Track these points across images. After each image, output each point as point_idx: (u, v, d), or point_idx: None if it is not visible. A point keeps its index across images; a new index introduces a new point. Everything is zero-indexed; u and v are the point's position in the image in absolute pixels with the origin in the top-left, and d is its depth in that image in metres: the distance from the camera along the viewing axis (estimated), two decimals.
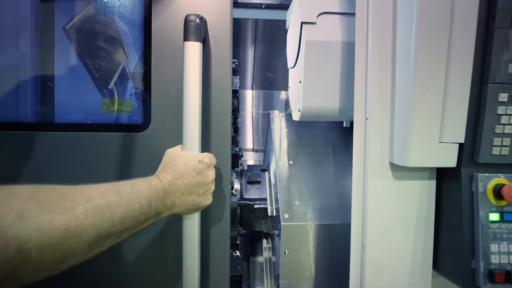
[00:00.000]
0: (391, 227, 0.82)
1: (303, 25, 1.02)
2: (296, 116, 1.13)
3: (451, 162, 0.75)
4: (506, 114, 0.72)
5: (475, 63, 0.72)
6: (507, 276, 0.71)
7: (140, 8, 0.89)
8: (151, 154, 0.85)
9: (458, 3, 0.70)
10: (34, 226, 0.41)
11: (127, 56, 0.95)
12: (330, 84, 1.03)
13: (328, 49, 1.01)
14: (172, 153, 0.74)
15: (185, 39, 0.75)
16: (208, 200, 0.75)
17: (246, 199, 1.29)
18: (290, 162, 1.26)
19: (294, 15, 1.11)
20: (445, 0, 0.70)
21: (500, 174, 0.74)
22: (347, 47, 1.01)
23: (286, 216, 1.09)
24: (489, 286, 0.72)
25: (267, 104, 2.53)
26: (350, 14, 1.03)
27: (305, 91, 1.03)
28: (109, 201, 0.53)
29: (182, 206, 0.70)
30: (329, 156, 1.30)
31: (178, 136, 0.77)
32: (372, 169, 0.82)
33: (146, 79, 0.87)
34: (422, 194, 0.82)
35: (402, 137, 0.77)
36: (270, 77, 2.45)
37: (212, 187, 0.75)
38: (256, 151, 2.45)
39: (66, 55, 0.94)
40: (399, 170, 0.81)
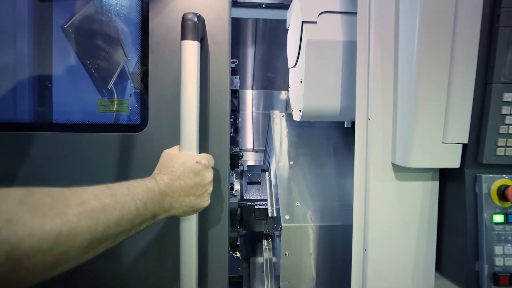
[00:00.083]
0: (393, 229, 0.81)
1: (304, 24, 1.01)
2: (297, 116, 1.12)
3: (455, 163, 0.74)
4: (511, 114, 0.71)
5: (479, 62, 0.71)
6: None
7: (138, 7, 0.88)
8: (148, 155, 0.84)
9: (462, 1, 0.69)
10: (24, 231, 0.40)
11: (127, 56, 0.94)
12: (331, 84, 1.02)
13: (329, 48, 1.00)
14: (169, 153, 0.73)
15: (182, 38, 0.74)
16: (205, 201, 0.74)
17: (246, 200, 1.29)
18: (291, 162, 1.25)
19: (295, 14, 1.10)
20: None
21: (504, 175, 0.73)
22: (349, 46, 1.00)
23: (286, 217, 1.08)
24: None
25: (268, 104, 2.52)
26: (351, 13, 1.02)
27: (306, 91, 1.02)
28: (103, 203, 0.51)
29: (179, 208, 0.69)
30: (330, 157, 1.29)
31: (176, 136, 0.76)
32: (374, 170, 0.81)
33: (144, 78, 0.86)
34: (425, 195, 0.81)
35: (405, 137, 0.75)
36: (271, 77, 2.44)
37: (210, 189, 0.74)
38: (257, 151, 2.44)
39: (64, 55, 0.92)
40: (401, 171, 0.80)
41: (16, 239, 0.39)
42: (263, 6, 1.91)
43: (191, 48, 0.74)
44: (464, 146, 0.74)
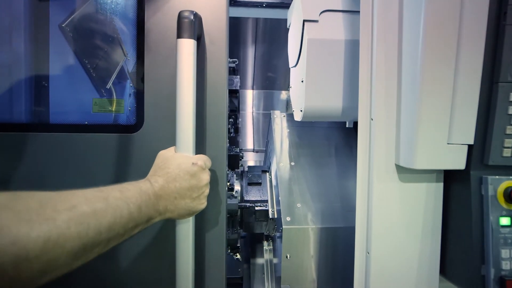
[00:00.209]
0: (397, 231, 0.80)
1: (305, 23, 1.00)
2: (298, 116, 1.11)
3: (460, 164, 0.73)
4: None
5: (485, 61, 0.69)
6: None
7: (133, 5, 0.86)
8: (144, 156, 0.83)
9: None
10: (9, 239, 0.38)
11: (126, 55, 0.92)
12: (333, 83, 1.00)
13: (331, 47, 0.99)
14: (164, 155, 0.71)
15: (178, 36, 0.73)
16: (202, 204, 0.72)
17: (246, 201, 1.27)
18: (292, 163, 1.23)
19: (296, 13, 1.09)
20: None
21: (511, 177, 0.71)
22: (351, 45, 0.98)
23: (287, 219, 1.07)
24: None
25: (268, 104, 2.51)
26: (354, 11, 1.01)
27: (307, 91, 1.01)
28: (94, 208, 0.50)
29: (174, 211, 0.67)
30: (331, 157, 1.28)
31: (173, 137, 0.74)
32: (377, 171, 0.79)
33: (139, 78, 0.84)
34: (429, 197, 0.79)
35: (409, 138, 0.74)
36: (271, 76, 2.43)
37: (206, 191, 0.72)
38: (257, 152, 2.43)
39: (61, 54, 0.91)
40: (405, 173, 0.79)
41: (0, 248, 0.37)
42: (264, 6, 1.90)
43: (187, 46, 0.72)
44: (469, 147, 0.72)
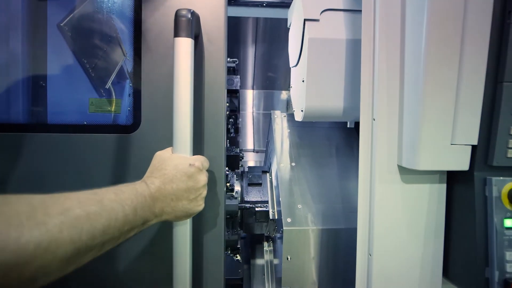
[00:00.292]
0: (399, 233, 0.79)
1: (306, 22, 0.99)
2: (299, 117, 1.10)
3: (464, 165, 0.72)
4: None
5: (489, 60, 0.68)
6: None
7: (130, 3, 0.85)
8: (141, 157, 0.82)
9: None
10: None
11: (125, 55, 0.91)
12: (334, 83, 1.00)
13: (332, 47, 0.98)
14: (161, 156, 0.70)
15: (175, 35, 0.71)
16: (199, 206, 0.71)
17: (247, 202, 1.26)
18: (292, 163, 1.22)
19: (297, 12, 1.08)
20: None
21: None
22: (352, 45, 0.98)
23: (288, 220, 1.06)
24: None
25: (268, 104, 2.50)
26: (355, 10, 1.00)
27: (308, 91, 1.00)
28: (88, 211, 0.48)
29: (171, 213, 0.66)
30: (332, 158, 1.27)
31: (170, 137, 0.73)
32: (379, 172, 0.78)
33: (136, 77, 0.83)
34: (432, 199, 0.78)
35: (412, 138, 0.73)
36: (271, 76, 2.42)
37: (204, 192, 0.71)
38: (257, 152, 2.42)
39: (59, 53, 0.90)
40: (408, 173, 0.78)
41: None
42: (264, 5, 1.89)
43: (184, 45, 0.71)
44: (473, 147, 0.71)
